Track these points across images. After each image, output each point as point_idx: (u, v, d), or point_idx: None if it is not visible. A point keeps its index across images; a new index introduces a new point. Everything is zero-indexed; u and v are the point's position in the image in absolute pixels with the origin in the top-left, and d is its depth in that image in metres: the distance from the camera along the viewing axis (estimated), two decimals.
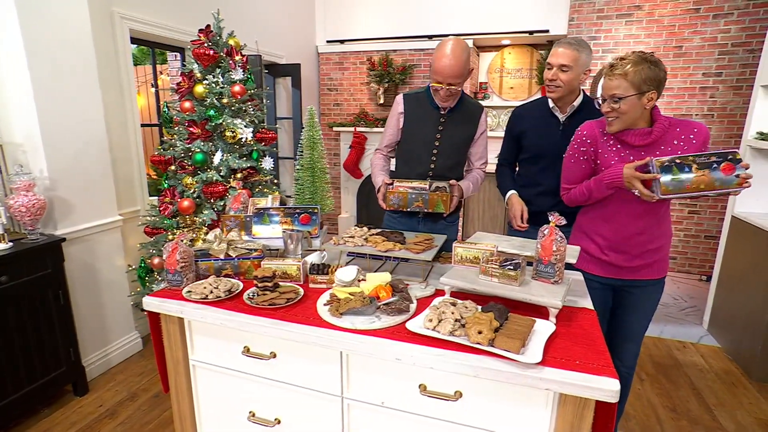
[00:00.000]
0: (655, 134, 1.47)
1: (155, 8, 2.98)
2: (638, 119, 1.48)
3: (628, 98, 1.41)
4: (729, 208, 3.05)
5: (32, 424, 2.13)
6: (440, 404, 1.14)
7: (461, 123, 1.97)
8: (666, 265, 1.70)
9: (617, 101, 1.43)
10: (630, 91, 1.41)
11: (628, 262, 1.65)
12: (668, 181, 1.39)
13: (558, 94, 1.85)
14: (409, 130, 2.00)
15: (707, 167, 1.36)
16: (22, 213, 2.06)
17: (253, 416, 1.40)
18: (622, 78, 1.41)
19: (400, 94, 2.02)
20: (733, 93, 4.00)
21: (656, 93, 1.42)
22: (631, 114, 1.45)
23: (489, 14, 4.62)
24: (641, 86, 1.40)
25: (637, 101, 1.42)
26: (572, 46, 1.77)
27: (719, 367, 2.72)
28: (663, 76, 1.42)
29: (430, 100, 1.94)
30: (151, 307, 1.39)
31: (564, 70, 1.78)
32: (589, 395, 0.97)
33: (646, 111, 1.47)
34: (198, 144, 2.51)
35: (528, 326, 1.14)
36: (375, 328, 1.18)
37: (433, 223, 2.03)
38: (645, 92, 1.41)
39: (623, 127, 1.49)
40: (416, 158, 1.99)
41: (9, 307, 1.99)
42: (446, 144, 1.97)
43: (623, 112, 1.44)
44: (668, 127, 1.48)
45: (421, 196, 1.81)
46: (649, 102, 1.43)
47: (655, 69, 1.40)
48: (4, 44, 2.08)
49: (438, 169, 1.98)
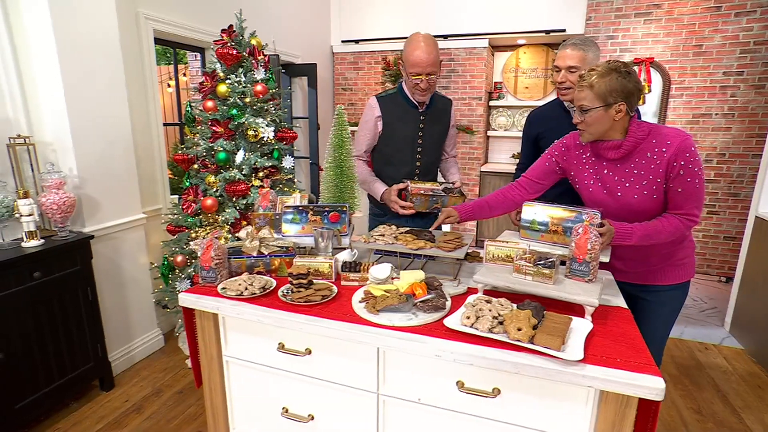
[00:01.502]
0: (626, 147, 1.41)
1: (178, 9, 3.02)
2: (610, 131, 1.42)
3: (593, 110, 1.37)
4: (752, 208, 3.01)
5: (62, 417, 2.17)
6: (478, 401, 1.15)
7: (438, 118, 2.05)
8: (683, 271, 1.59)
9: (584, 113, 1.39)
10: (596, 103, 1.36)
11: (630, 267, 1.62)
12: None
13: (570, 96, 1.85)
14: (390, 132, 2.02)
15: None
16: (53, 211, 2.10)
17: (286, 412, 1.41)
18: (588, 89, 1.36)
19: (373, 98, 2.04)
20: (755, 92, 3.95)
21: (625, 104, 1.36)
22: (598, 126, 1.40)
23: (505, 14, 4.61)
24: (607, 98, 1.35)
25: (604, 113, 1.37)
26: (578, 46, 1.76)
27: (743, 369, 2.69)
28: (633, 87, 1.35)
29: (406, 100, 1.97)
30: (187, 303, 1.41)
31: (572, 72, 1.77)
32: (632, 393, 0.97)
33: (618, 123, 1.39)
34: (221, 143, 2.53)
35: (566, 324, 1.14)
36: (413, 325, 1.19)
37: (423, 224, 2.08)
38: (612, 104, 1.35)
39: (593, 139, 1.45)
40: (400, 158, 2.03)
41: (41, 303, 2.03)
42: (428, 141, 2.04)
43: (590, 123, 1.40)
44: (645, 138, 1.41)
45: (441, 198, 1.84)
46: (618, 114, 1.37)
47: (623, 80, 1.34)
48: (37, 44, 2.12)
49: (423, 166, 2.05)
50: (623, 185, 1.47)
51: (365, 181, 2.08)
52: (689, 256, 1.60)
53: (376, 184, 2.05)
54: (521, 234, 1.63)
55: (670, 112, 4.26)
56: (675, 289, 1.62)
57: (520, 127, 5.16)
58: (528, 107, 5.11)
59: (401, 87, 2.01)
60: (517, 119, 5.21)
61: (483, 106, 4.85)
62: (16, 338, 1.93)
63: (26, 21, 2.10)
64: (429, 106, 2.00)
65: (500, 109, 5.25)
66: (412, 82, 1.88)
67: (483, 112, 4.88)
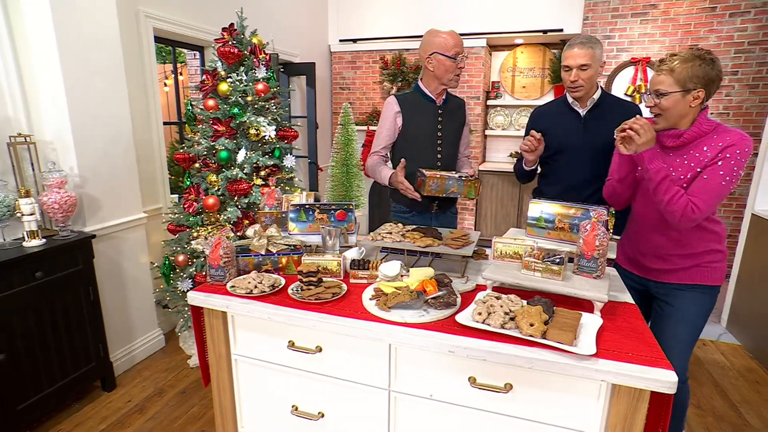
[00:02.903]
0: (686, 138, 1.41)
1: (178, 7, 3.00)
2: (683, 118, 1.41)
3: (671, 95, 1.37)
4: (748, 206, 3.05)
5: (64, 418, 2.15)
6: (490, 396, 1.16)
7: (454, 113, 2.12)
8: (712, 273, 1.53)
9: (659, 96, 1.40)
10: (674, 88, 1.37)
11: (651, 263, 1.60)
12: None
13: (581, 93, 1.88)
14: (411, 127, 2.06)
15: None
16: (55, 210, 2.08)
17: (296, 410, 1.41)
18: (668, 74, 1.37)
19: (391, 96, 2.10)
20: (749, 91, 4.00)
21: (704, 92, 1.36)
22: (674, 111, 1.40)
23: (502, 13, 4.63)
24: (686, 84, 1.35)
25: (681, 99, 1.36)
26: (586, 45, 1.80)
27: (741, 365, 2.73)
28: (715, 75, 1.35)
29: (423, 96, 2.05)
30: (196, 302, 1.41)
31: (584, 69, 1.81)
32: (645, 386, 0.99)
33: (692, 110, 1.39)
34: (222, 142, 2.52)
35: (576, 319, 1.16)
36: (425, 321, 1.20)
37: (444, 217, 2.17)
38: (690, 90, 1.35)
39: (668, 126, 1.44)
40: (422, 152, 2.06)
41: (43, 303, 2.01)
42: (447, 134, 2.09)
43: (664, 108, 1.40)
44: (708, 132, 1.41)
45: (457, 182, 1.85)
46: (695, 101, 1.37)
47: (706, 67, 1.34)
48: (38, 42, 2.10)
49: (444, 159, 2.09)
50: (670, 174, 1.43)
51: (374, 170, 2.10)
52: (720, 261, 1.54)
53: (383, 170, 2.07)
54: (527, 231, 1.65)
55: None
56: (698, 289, 1.55)
57: (518, 126, 5.18)
58: (525, 107, 5.14)
59: (417, 86, 2.07)
60: (515, 118, 5.24)
61: (481, 106, 4.87)
62: (18, 339, 1.91)
63: (27, 19, 2.08)
64: (445, 102, 2.08)
65: (498, 108, 5.28)
66: (454, 65, 1.95)
67: (481, 112, 4.90)
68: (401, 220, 2.08)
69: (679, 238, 1.52)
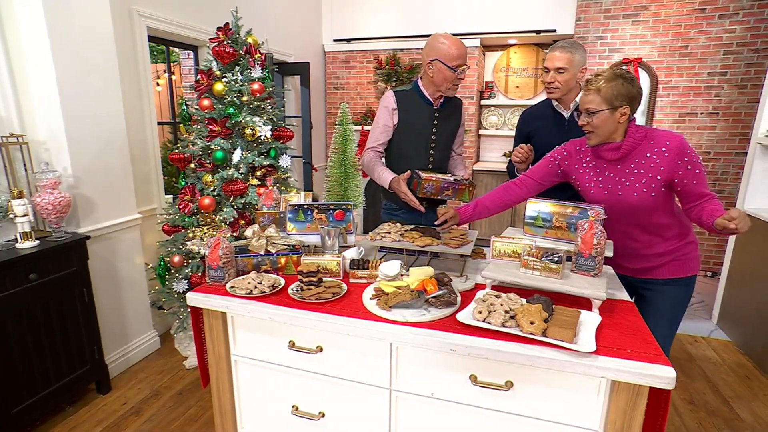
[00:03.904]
0: (625, 149, 1.50)
1: (171, 6, 2.97)
2: (613, 133, 1.50)
3: (600, 113, 1.46)
4: (738, 205, 3.11)
5: (59, 421, 2.13)
6: (491, 394, 1.17)
7: (451, 116, 2.10)
8: (685, 265, 1.62)
9: (590, 115, 1.47)
10: (602, 106, 1.45)
11: (631, 263, 1.67)
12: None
13: (557, 95, 1.93)
14: (405, 126, 2.05)
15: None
16: (48, 211, 2.06)
17: (296, 410, 1.41)
18: (595, 93, 1.45)
19: (390, 91, 2.07)
20: (738, 92, 4.07)
21: (629, 108, 1.45)
22: (605, 128, 1.48)
23: (496, 14, 4.66)
24: (613, 101, 1.43)
25: (610, 116, 1.45)
26: (565, 49, 1.85)
27: (732, 361, 2.78)
28: (636, 93, 1.45)
29: (421, 97, 2.03)
30: (195, 303, 1.40)
31: (560, 72, 1.86)
32: (644, 382, 1.00)
33: (621, 125, 1.49)
34: (218, 142, 2.51)
35: (575, 317, 1.17)
36: (426, 320, 1.21)
37: (434, 215, 2.10)
38: (617, 107, 1.44)
39: (600, 141, 1.52)
40: (414, 153, 2.06)
41: (37, 305, 1.99)
42: (441, 137, 2.08)
43: (596, 126, 1.48)
44: (642, 140, 1.49)
45: (452, 186, 1.85)
46: (622, 117, 1.46)
47: (628, 86, 1.44)
48: (31, 41, 2.07)
49: (435, 162, 2.09)
50: (623, 184, 1.53)
51: (372, 168, 2.06)
52: (692, 251, 1.64)
53: (383, 171, 2.03)
54: (525, 230, 1.66)
55: (658, 111, 4.36)
56: (674, 283, 1.64)
57: (511, 126, 5.22)
58: (519, 106, 5.17)
59: (417, 85, 2.04)
60: (508, 118, 5.27)
61: (474, 106, 4.89)
62: (11, 341, 1.88)
63: (19, 17, 2.05)
64: (443, 104, 2.06)
65: (491, 108, 5.31)
66: (453, 75, 1.92)
67: (474, 112, 4.92)
68: (392, 218, 2.09)
69: (650, 239, 1.61)
